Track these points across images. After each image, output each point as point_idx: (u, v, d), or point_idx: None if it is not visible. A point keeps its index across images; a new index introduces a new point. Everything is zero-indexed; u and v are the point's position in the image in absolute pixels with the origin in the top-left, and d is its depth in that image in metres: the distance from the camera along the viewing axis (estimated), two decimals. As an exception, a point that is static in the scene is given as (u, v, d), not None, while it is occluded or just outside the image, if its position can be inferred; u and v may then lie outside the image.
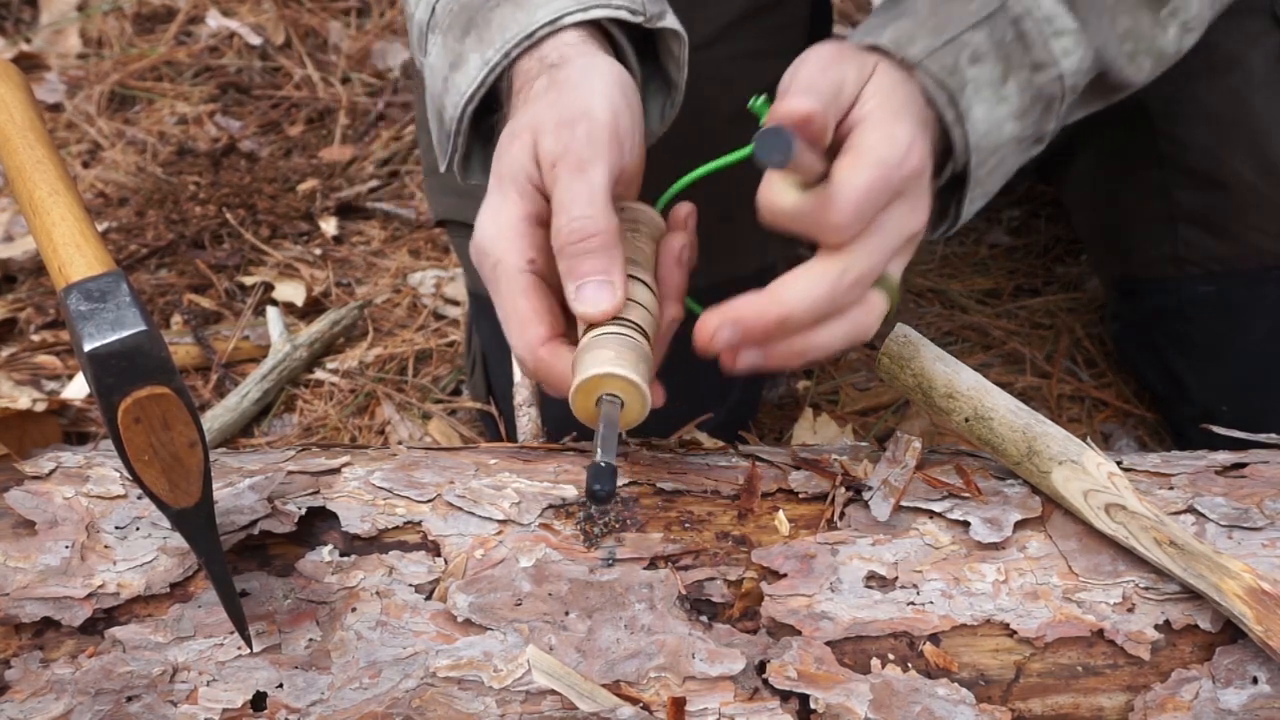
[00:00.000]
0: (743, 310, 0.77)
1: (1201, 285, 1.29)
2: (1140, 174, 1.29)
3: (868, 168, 0.78)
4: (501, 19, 0.86)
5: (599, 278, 0.78)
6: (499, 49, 0.85)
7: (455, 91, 0.87)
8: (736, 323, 0.77)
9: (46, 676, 0.80)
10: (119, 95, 2.12)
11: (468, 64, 0.87)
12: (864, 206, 0.78)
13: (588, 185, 0.79)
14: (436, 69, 0.90)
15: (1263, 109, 1.21)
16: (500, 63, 0.85)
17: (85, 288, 0.70)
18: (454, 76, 0.88)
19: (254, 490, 0.85)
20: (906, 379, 0.88)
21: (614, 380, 0.76)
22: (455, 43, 0.88)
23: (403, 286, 1.73)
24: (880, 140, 0.80)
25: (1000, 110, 0.91)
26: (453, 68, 0.88)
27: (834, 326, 0.80)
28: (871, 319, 0.82)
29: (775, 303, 0.77)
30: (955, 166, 0.92)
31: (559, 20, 0.84)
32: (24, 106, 0.85)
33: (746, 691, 0.80)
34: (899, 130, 0.81)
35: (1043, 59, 0.92)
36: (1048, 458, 0.84)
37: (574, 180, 0.79)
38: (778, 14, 1.22)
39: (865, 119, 0.82)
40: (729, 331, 0.77)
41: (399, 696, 0.80)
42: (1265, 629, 0.77)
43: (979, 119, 0.90)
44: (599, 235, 0.78)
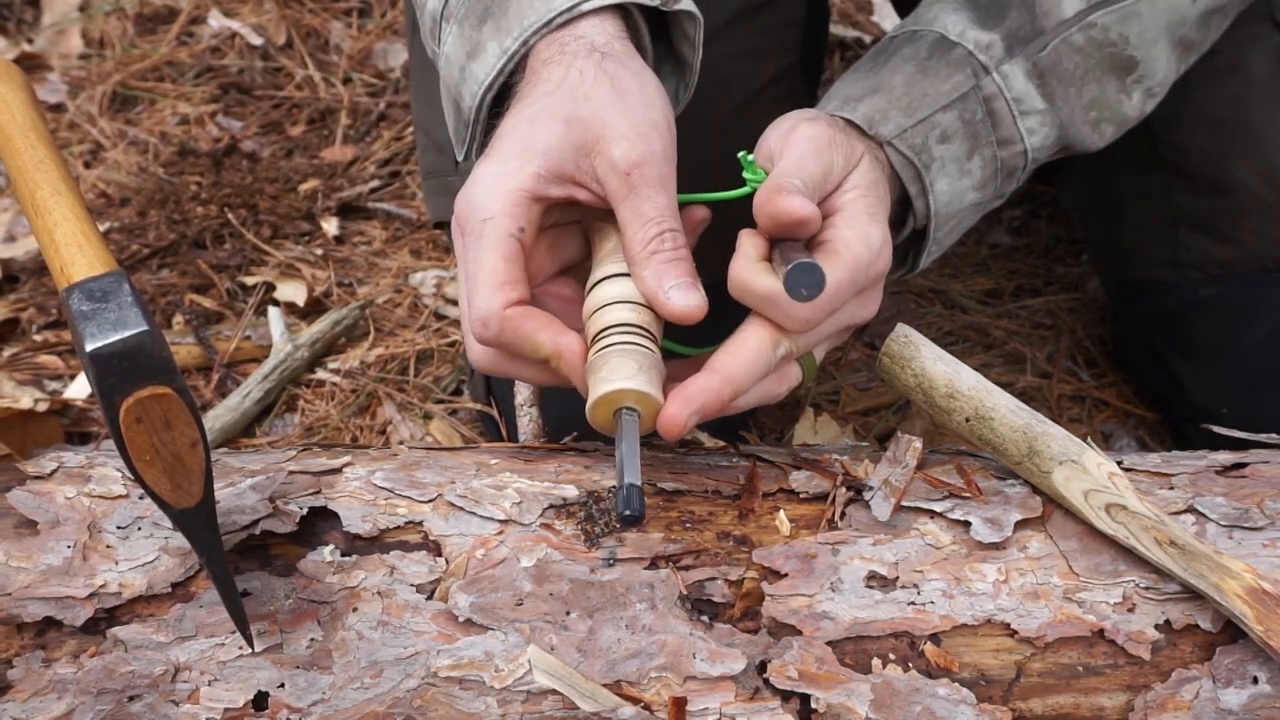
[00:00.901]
0: (702, 400, 0.79)
1: (1202, 288, 1.29)
2: (1141, 179, 1.30)
3: (842, 266, 0.82)
4: (519, 6, 0.86)
5: (688, 279, 0.81)
6: (517, 37, 0.85)
7: (473, 80, 0.88)
8: (701, 411, 0.79)
9: (48, 676, 0.80)
10: (121, 95, 2.13)
11: (486, 52, 0.87)
12: (830, 306, 0.81)
13: (669, 197, 0.82)
14: (453, 58, 0.90)
15: (1263, 114, 1.21)
16: (519, 50, 0.85)
17: (87, 288, 0.70)
18: (471, 65, 0.88)
19: (255, 490, 0.85)
20: (907, 379, 0.88)
21: (634, 395, 0.78)
22: (472, 30, 0.88)
23: (404, 286, 1.73)
24: (855, 239, 0.83)
25: (963, 183, 0.96)
26: (470, 56, 0.88)
27: (752, 392, 0.83)
28: (783, 388, 0.85)
29: (728, 383, 0.80)
30: (915, 225, 0.98)
31: (577, 6, 0.84)
32: (26, 107, 0.85)
33: (747, 691, 0.80)
34: (874, 231, 0.85)
35: (1009, 136, 0.97)
36: (1048, 458, 0.85)
37: (657, 192, 0.81)
38: (774, 12, 1.22)
39: (844, 210, 0.86)
40: (696, 420, 0.80)
41: (400, 696, 0.80)
42: (1265, 629, 0.77)
43: (942, 191, 0.95)
44: (685, 245, 0.82)
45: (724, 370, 0.80)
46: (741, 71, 1.19)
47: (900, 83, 0.94)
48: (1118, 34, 0.96)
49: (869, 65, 0.99)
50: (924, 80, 0.94)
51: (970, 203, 0.97)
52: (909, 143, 0.93)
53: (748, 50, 1.20)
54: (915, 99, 0.94)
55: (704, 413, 0.80)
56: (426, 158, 1.32)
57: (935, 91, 0.94)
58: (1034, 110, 0.96)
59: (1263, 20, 1.18)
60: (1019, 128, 0.96)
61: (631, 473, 0.76)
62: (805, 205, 0.80)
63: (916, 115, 0.93)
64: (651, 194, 0.81)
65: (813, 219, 0.81)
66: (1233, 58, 1.07)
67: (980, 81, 0.94)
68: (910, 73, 0.95)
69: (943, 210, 0.96)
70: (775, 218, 0.81)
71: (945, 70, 0.95)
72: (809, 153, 0.85)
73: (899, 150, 0.93)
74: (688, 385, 0.80)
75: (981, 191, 0.97)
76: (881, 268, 0.85)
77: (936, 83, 0.94)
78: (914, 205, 0.96)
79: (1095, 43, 0.96)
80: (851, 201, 0.86)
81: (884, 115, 0.93)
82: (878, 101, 0.93)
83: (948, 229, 0.98)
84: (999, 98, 0.95)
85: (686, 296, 0.80)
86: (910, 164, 0.93)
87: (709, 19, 1.18)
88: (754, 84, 1.20)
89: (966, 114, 0.94)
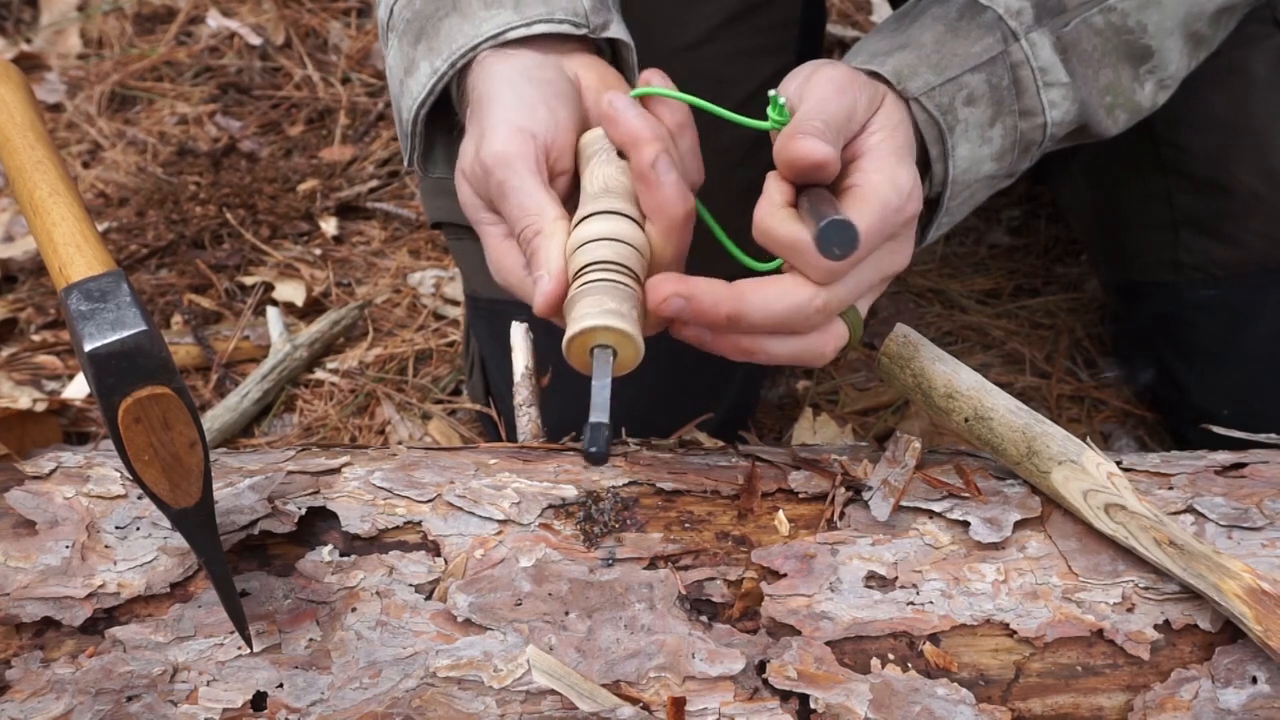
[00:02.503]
0: (699, 291, 0.77)
1: (1203, 289, 1.29)
2: (1141, 179, 1.29)
3: (871, 211, 0.79)
4: (449, 30, 0.87)
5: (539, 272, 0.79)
6: (446, 59, 0.87)
7: (409, 95, 0.89)
8: (688, 299, 0.77)
9: (47, 676, 0.80)
10: (119, 95, 2.12)
11: (419, 71, 0.89)
12: (860, 255, 0.79)
13: (514, 199, 0.81)
14: (394, 70, 0.92)
15: (1265, 115, 1.21)
16: (447, 72, 0.87)
17: (86, 288, 0.70)
18: (408, 81, 0.90)
19: (254, 490, 0.85)
20: (906, 379, 0.88)
21: (608, 333, 0.75)
22: (409, 48, 0.90)
23: (403, 286, 1.73)
24: (884, 183, 0.81)
25: (983, 150, 0.94)
26: (407, 72, 0.90)
27: (787, 342, 0.81)
28: (828, 348, 0.82)
29: (733, 300, 0.77)
30: (930, 190, 0.95)
31: (502, 35, 0.86)
32: (24, 106, 0.85)
33: (746, 691, 0.80)
34: (902, 174, 0.82)
35: (1032, 107, 0.94)
36: (1047, 458, 0.84)
37: (503, 202, 0.82)
38: (770, 12, 1.22)
39: (870, 153, 0.83)
40: (678, 304, 0.77)
41: (399, 696, 0.80)
42: (1265, 629, 0.77)
43: (961, 157, 0.93)
44: (538, 234, 0.80)
45: (737, 287, 0.77)
46: (738, 71, 1.19)
47: (930, 40, 0.92)
48: (1136, 21, 0.95)
49: (894, 24, 0.96)
50: (954, 40, 0.92)
51: (986, 174, 0.95)
52: (936, 101, 0.90)
53: (744, 50, 1.19)
54: (945, 57, 0.91)
55: (692, 298, 0.76)
56: None
57: (965, 52, 0.92)
58: (1058, 83, 0.94)
59: (1264, 21, 1.18)
60: (1042, 99, 0.94)
61: (599, 410, 0.72)
62: (821, 148, 0.78)
63: (945, 74, 0.91)
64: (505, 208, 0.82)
65: (830, 162, 0.78)
66: (1234, 58, 1.07)
67: (1009, 47, 0.92)
68: (940, 31, 0.93)
69: (960, 178, 0.93)
70: (793, 163, 0.79)
71: (976, 32, 0.93)
72: (830, 93, 0.82)
73: (925, 108, 0.90)
74: (695, 278, 0.77)
75: (998, 163, 0.95)
76: (912, 211, 0.82)
77: (967, 43, 0.92)
78: (933, 169, 0.93)
79: (1113, 27, 0.95)
80: (879, 143, 0.83)
81: (912, 70, 0.90)
82: (906, 56, 0.91)
83: (961, 199, 0.96)
84: (1025, 65, 0.93)
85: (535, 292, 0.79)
86: (934, 123, 0.91)
87: (704, 19, 1.18)
88: (750, 84, 1.20)
89: (994, 78, 0.92)
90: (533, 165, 0.82)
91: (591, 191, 0.83)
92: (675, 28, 1.14)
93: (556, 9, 0.87)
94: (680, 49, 1.15)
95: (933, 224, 0.96)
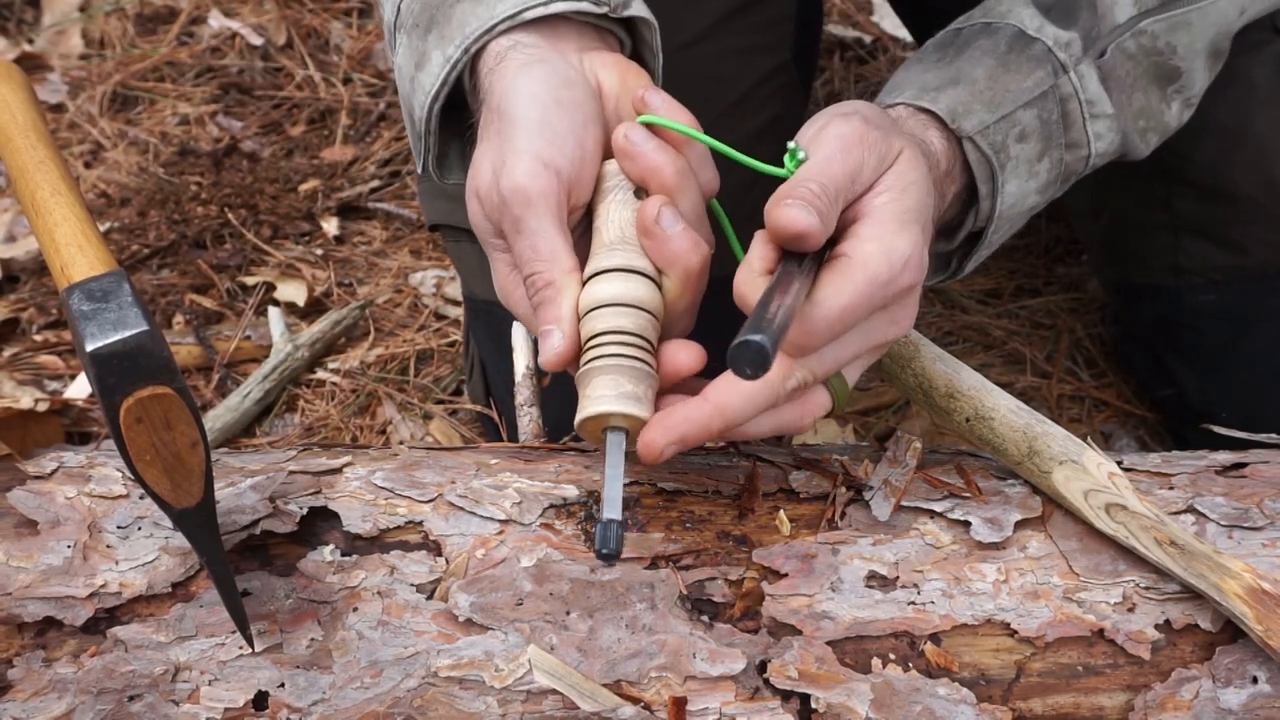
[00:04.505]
0: (687, 429, 0.75)
1: (1203, 293, 1.29)
2: (1142, 186, 1.29)
3: (852, 287, 0.74)
4: (461, 14, 0.84)
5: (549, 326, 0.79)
6: (459, 45, 0.84)
7: (421, 91, 0.86)
8: (682, 441, 0.76)
9: (49, 676, 0.80)
10: (121, 95, 2.13)
11: (431, 62, 0.85)
12: (837, 327, 0.75)
13: (528, 239, 0.79)
14: (404, 69, 0.89)
15: (1266, 122, 1.21)
16: (461, 59, 0.83)
17: (87, 288, 0.70)
18: (419, 76, 0.86)
19: (255, 490, 0.85)
20: (907, 379, 0.88)
21: (621, 418, 0.77)
22: (419, 40, 0.87)
23: (404, 286, 1.73)
24: (876, 254, 0.76)
25: (1029, 185, 0.92)
26: (418, 67, 0.87)
27: (763, 420, 0.78)
28: (806, 420, 0.79)
29: (718, 415, 0.75)
30: (972, 226, 0.93)
31: (519, 14, 0.82)
32: (26, 107, 0.85)
33: (747, 691, 0.80)
34: (900, 243, 0.76)
35: (1078, 140, 0.93)
36: (1048, 458, 0.84)
37: (516, 239, 0.79)
38: (766, 9, 1.22)
39: (870, 217, 0.78)
40: (675, 450, 0.76)
41: (400, 696, 0.80)
42: (1265, 628, 0.77)
43: (1009, 193, 0.91)
44: (549, 285, 0.79)
45: (716, 400, 0.75)
46: (733, 69, 1.18)
47: (983, 75, 0.90)
48: (1165, 43, 0.94)
49: (937, 55, 0.94)
50: (1005, 75, 0.90)
51: (1029, 206, 0.94)
52: (989, 139, 0.88)
53: (739, 48, 1.19)
54: (998, 93, 0.89)
55: (684, 442, 0.76)
56: None
57: (1017, 88, 0.90)
58: (1104, 114, 0.93)
59: (1264, 28, 1.18)
60: (1088, 131, 0.92)
61: (612, 507, 0.73)
62: (803, 219, 0.73)
63: (999, 111, 0.89)
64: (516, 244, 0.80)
65: (813, 234, 0.73)
66: (1234, 66, 1.07)
67: (1058, 80, 0.91)
68: (992, 65, 0.91)
69: (1005, 213, 0.92)
70: (775, 228, 0.75)
71: (1027, 65, 0.91)
72: (835, 152, 0.78)
73: (979, 147, 0.88)
74: (672, 412, 0.76)
75: (1041, 195, 0.94)
76: (907, 282, 0.77)
77: (1018, 78, 0.90)
78: (980, 205, 0.91)
79: (1144, 50, 0.94)
80: (882, 206, 0.78)
81: (967, 109, 0.88)
82: (960, 94, 0.88)
83: (1002, 232, 0.94)
84: (1073, 98, 0.91)
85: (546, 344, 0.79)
86: (986, 162, 0.89)
87: (700, 17, 1.18)
88: (746, 82, 1.20)
89: (1044, 113, 0.91)
90: (554, 207, 0.79)
91: (607, 239, 0.81)
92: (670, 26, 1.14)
93: None
94: (675, 48, 1.14)
95: (971, 257, 0.95)
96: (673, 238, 0.78)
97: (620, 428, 0.78)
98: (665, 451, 0.76)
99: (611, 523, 0.73)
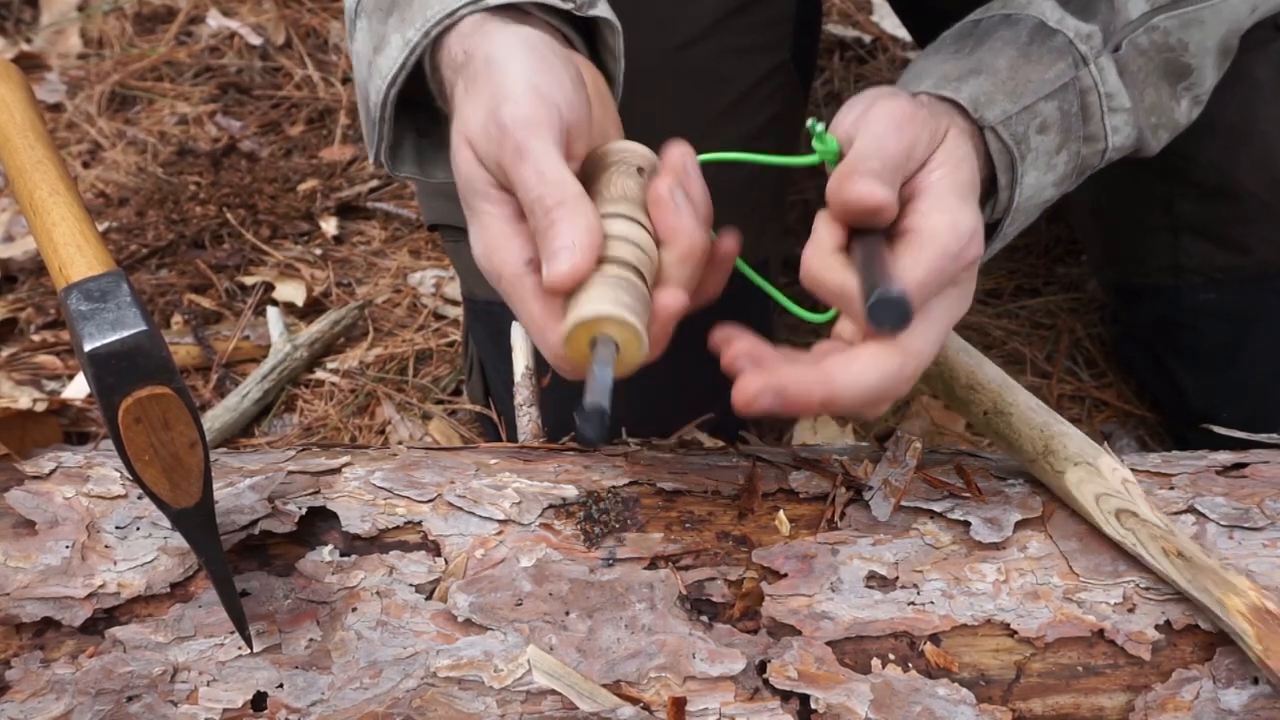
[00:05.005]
0: (789, 383, 0.73)
1: (1203, 293, 1.29)
2: (1143, 185, 1.29)
3: (927, 260, 0.74)
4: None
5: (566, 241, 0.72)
6: (419, 28, 0.81)
7: (378, 75, 0.83)
8: (779, 394, 0.72)
9: (47, 676, 0.79)
10: (119, 95, 2.12)
11: (389, 45, 0.82)
12: (917, 301, 0.74)
13: (533, 165, 0.73)
14: (361, 54, 0.86)
15: (1269, 120, 1.20)
16: (421, 42, 0.81)
17: (86, 288, 0.70)
18: (377, 60, 0.84)
19: (254, 490, 0.84)
20: (929, 368, 0.88)
21: (615, 325, 0.70)
22: (379, 25, 0.84)
23: (403, 286, 1.73)
24: (944, 227, 0.76)
25: (1047, 178, 0.91)
26: (376, 51, 0.84)
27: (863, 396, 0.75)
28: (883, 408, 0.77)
29: (825, 386, 0.73)
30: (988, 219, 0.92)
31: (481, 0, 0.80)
32: (24, 106, 0.85)
33: (747, 691, 0.80)
34: (964, 216, 0.77)
35: (1096, 133, 0.93)
36: (1063, 458, 0.84)
37: (520, 166, 0.73)
38: (765, 8, 1.21)
39: (930, 192, 0.78)
40: (770, 399, 0.72)
41: (399, 696, 0.80)
42: (1265, 648, 0.76)
43: (1028, 185, 0.90)
44: (560, 205, 0.72)
45: (826, 371, 0.73)
46: (732, 69, 1.18)
47: (1004, 65, 0.89)
48: (1177, 39, 0.94)
49: (956, 46, 0.93)
50: (1027, 66, 0.89)
51: (1045, 199, 0.93)
52: (1011, 130, 0.88)
53: (738, 47, 1.19)
54: (1020, 84, 0.88)
55: (783, 395, 0.72)
56: None
57: (1039, 79, 0.89)
58: (1122, 108, 0.92)
59: (1268, 26, 1.17)
60: (1106, 124, 0.92)
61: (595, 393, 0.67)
62: (879, 190, 0.73)
63: (1021, 101, 0.88)
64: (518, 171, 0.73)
65: (887, 206, 0.74)
66: (1238, 64, 1.06)
67: (1079, 72, 0.90)
68: (1013, 56, 0.90)
69: (1023, 205, 0.91)
70: (847, 205, 0.74)
71: (1048, 57, 0.90)
72: (889, 129, 0.77)
73: (1000, 137, 0.87)
74: (783, 370, 0.73)
75: (1058, 188, 0.93)
76: (973, 255, 0.77)
77: (1040, 69, 0.89)
78: (999, 196, 0.91)
79: (1157, 46, 0.94)
80: (940, 181, 0.78)
81: (989, 98, 0.87)
82: (982, 83, 0.88)
83: (1017, 225, 0.94)
84: (1093, 91, 0.91)
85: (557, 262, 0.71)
86: (1007, 152, 0.88)
87: (699, 16, 1.17)
88: (745, 81, 1.19)
89: (1064, 105, 0.90)
90: (558, 136, 0.74)
91: (609, 195, 0.78)
92: (667, 26, 1.13)
93: None
94: (674, 47, 1.14)
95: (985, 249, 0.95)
96: (681, 210, 0.75)
97: (611, 339, 0.71)
98: (760, 399, 0.72)
99: (592, 404, 0.66)
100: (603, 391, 0.67)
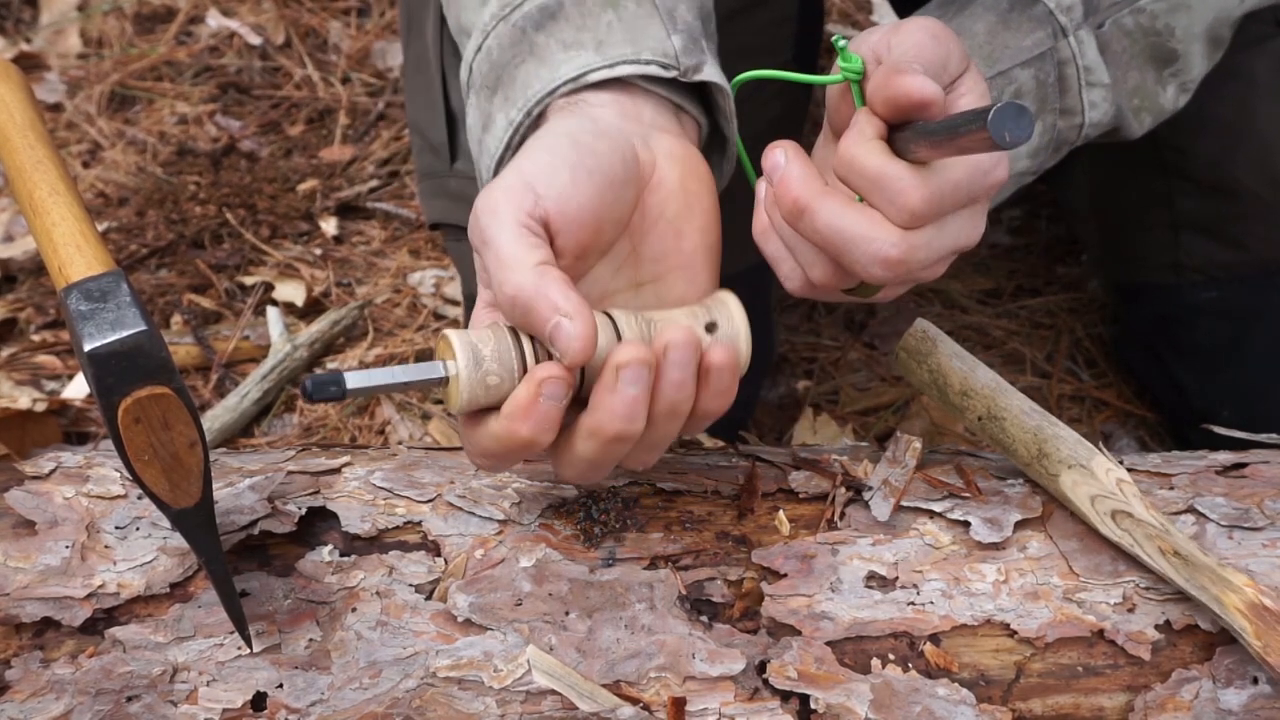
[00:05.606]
0: (792, 161, 0.76)
1: (1203, 291, 1.29)
2: (1142, 182, 1.29)
3: (962, 164, 0.74)
4: (525, 77, 0.82)
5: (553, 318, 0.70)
6: (521, 108, 0.81)
7: (487, 154, 0.84)
8: (784, 165, 0.76)
9: (46, 676, 0.79)
10: (119, 95, 2.12)
11: (495, 125, 0.84)
12: (946, 201, 0.74)
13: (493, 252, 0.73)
14: (473, 130, 0.88)
15: (1267, 117, 1.20)
16: (523, 122, 0.81)
17: (85, 288, 0.70)
18: (485, 138, 0.85)
19: (254, 490, 0.84)
20: (922, 374, 0.88)
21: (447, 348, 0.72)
22: (485, 103, 0.85)
23: (403, 286, 1.73)
24: None
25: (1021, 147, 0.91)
26: (484, 129, 0.85)
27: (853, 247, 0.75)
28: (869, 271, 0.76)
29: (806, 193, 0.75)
30: None
31: (582, 77, 0.80)
32: (24, 106, 0.85)
33: (747, 691, 0.80)
34: None
35: (1072, 106, 0.93)
36: (1057, 460, 0.84)
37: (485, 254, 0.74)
38: (767, 10, 1.21)
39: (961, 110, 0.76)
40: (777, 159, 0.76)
41: (399, 697, 0.80)
42: (1264, 644, 0.76)
43: None
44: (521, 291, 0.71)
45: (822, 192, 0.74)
46: (733, 70, 1.18)
47: (982, 30, 0.90)
48: (1164, 24, 0.94)
49: (940, 11, 0.93)
50: (1005, 32, 0.90)
51: (1018, 170, 0.93)
52: None
53: (739, 49, 1.18)
54: (997, 49, 0.89)
55: (779, 176, 0.75)
56: (422, 159, 1.32)
57: (1017, 45, 0.89)
58: (1099, 83, 0.92)
59: (1265, 22, 1.18)
60: (1083, 98, 0.92)
61: (358, 372, 0.69)
62: (929, 85, 0.72)
63: (997, 67, 0.89)
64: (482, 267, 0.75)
65: (937, 101, 0.72)
66: (1236, 61, 1.06)
67: (1057, 43, 0.90)
68: (992, 21, 0.90)
69: None
70: (895, 100, 0.73)
71: (1027, 25, 0.90)
72: (926, 40, 0.76)
73: None
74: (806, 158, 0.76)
75: (1032, 160, 0.93)
76: (998, 178, 0.76)
77: (1018, 36, 0.90)
78: None
79: (1142, 29, 0.94)
80: (970, 104, 0.77)
81: None
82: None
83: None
84: (1071, 63, 0.91)
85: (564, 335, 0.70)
86: None
87: None
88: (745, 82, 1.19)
89: (1041, 74, 0.90)
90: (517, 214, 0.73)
91: None
92: None
93: (643, 48, 0.81)
94: None
95: None
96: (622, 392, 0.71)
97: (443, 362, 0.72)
98: (774, 154, 0.77)
99: (333, 371, 0.68)
100: (374, 375, 0.70)
